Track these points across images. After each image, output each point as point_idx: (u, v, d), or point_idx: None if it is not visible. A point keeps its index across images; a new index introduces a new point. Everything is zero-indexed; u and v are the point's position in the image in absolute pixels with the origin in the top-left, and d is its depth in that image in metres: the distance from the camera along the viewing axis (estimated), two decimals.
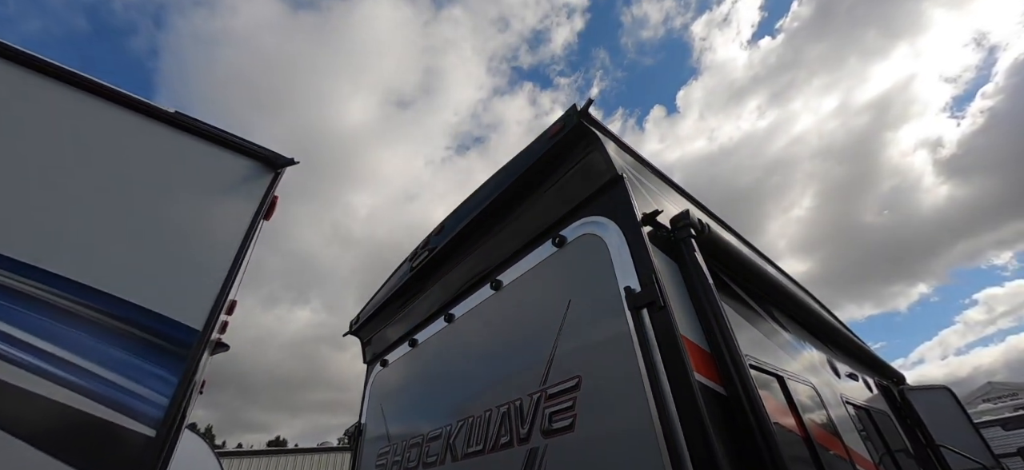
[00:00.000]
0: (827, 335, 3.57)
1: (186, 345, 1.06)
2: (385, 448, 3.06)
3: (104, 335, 1.00)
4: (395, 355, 3.40)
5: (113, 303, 1.04)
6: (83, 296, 1.01)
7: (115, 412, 0.91)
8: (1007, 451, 7.00)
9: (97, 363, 0.96)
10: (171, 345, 1.04)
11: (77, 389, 0.92)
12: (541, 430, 1.81)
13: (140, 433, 0.92)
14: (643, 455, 1.40)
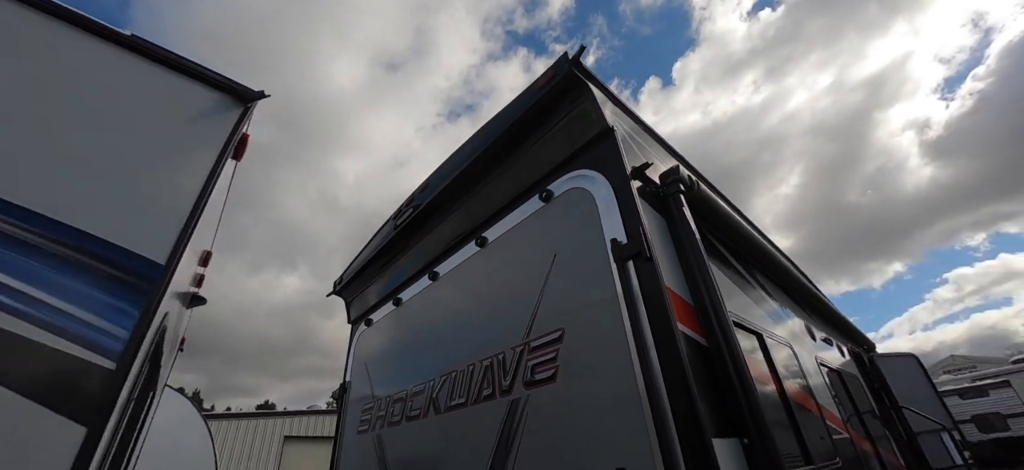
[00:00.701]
0: (806, 301, 3.65)
1: (148, 279, 1.01)
2: (370, 404, 3.08)
3: (60, 266, 0.94)
4: (379, 314, 3.38)
5: (69, 233, 0.97)
6: (37, 225, 0.94)
7: (72, 343, 0.86)
8: (963, 418, 7.43)
9: (52, 294, 0.90)
10: (131, 278, 0.99)
11: (31, 320, 0.86)
12: (523, 382, 1.81)
13: (99, 365, 0.87)
14: (624, 403, 1.41)
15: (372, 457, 2.78)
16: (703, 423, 1.25)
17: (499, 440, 1.82)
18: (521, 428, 1.74)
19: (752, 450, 1.32)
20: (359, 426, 3.10)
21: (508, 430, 1.80)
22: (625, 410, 1.40)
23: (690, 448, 1.24)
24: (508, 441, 1.78)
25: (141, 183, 1.06)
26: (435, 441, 2.27)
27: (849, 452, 2.53)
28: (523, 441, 1.72)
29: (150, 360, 1.37)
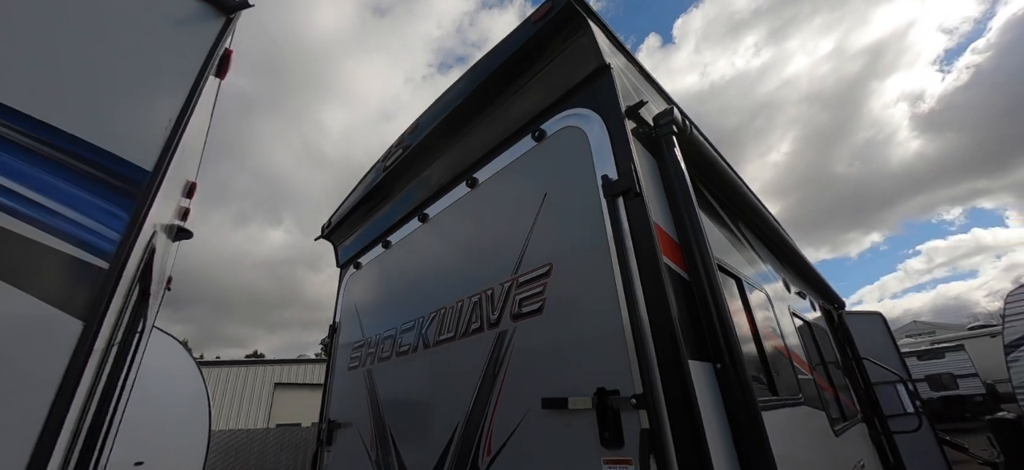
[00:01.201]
0: (784, 255, 3.78)
1: (136, 184, 1.00)
2: (359, 343, 3.15)
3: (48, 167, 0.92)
4: (368, 257, 3.39)
5: (55, 134, 0.95)
6: (28, 126, 0.92)
7: (64, 242, 0.87)
8: (918, 377, 8.04)
9: (42, 194, 0.89)
10: (120, 182, 0.98)
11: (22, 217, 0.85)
12: (511, 315, 1.87)
13: (92, 264, 0.88)
14: (607, 330, 1.47)
15: (362, 390, 2.88)
16: (681, 346, 1.33)
17: (486, 368, 1.90)
18: (507, 357, 1.82)
19: (724, 374, 1.42)
20: (350, 363, 3.19)
21: (495, 359, 1.87)
22: (608, 336, 1.47)
23: (667, 368, 1.32)
24: (495, 368, 1.86)
25: (124, 90, 1.03)
26: (424, 373, 2.36)
27: (811, 392, 2.71)
28: (509, 368, 1.80)
29: (140, 280, 1.38)
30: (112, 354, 1.22)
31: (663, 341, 1.35)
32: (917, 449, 5.10)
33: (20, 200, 0.85)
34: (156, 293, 2.44)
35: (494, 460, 1.74)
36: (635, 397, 1.32)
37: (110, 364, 1.26)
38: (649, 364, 1.34)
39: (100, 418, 1.58)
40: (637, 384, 1.34)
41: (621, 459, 1.32)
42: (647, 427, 1.28)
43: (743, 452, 1.32)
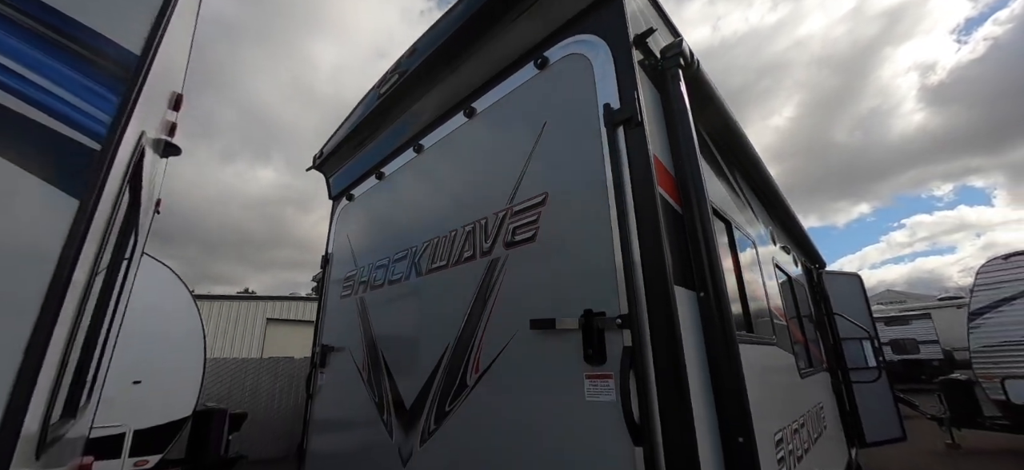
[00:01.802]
0: (775, 210, 3.85)
1: (124, 66, 0.96)
2: (352, 272, 3.20)
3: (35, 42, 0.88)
4: (361, 189, 3.37)
5: (44, 9, 0.90)
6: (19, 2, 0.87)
7: (56, 121, 0.85)
8: (883, 340, 8.54)
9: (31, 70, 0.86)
10: (109, 63, 0.94)
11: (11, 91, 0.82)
12: (504, 243, 1.90)
13: (85, 144, 0.86)
14: (598, 255, 1.51)
15: (355, 317, 2.96)
16: (668, 273, 1.37)
17: (478, 294, 1.96)
18: (498, 283, 1.87)
19: (706, 303, 1.48)
20: (342, 292, 3.25)
21: (487, 285, 1.93)
22: (598, 262, 1.51)
23: (653, 292, 1.37)
24: (486, 294, 1.92)
25: None
26: (416, 300, 2.42)
27: (784, 337, 2.86)
28: (500, 293, 1.85)
29: (131, 180, 1.35)
30: (109, 246, 1.22)
31: (651, 268, 1.40)
32: (873, 403, 5.49)
33: (8, 73, 0.82)
34: (146, 209, 2.41)
35: (482, 376, 1.83)
36: (620, 317, 1.38)
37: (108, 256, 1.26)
38: (636, 288, 1.39)
39: (100, 316, 1.61)
40: (623, 306, 1.39)
41: (602, 374, 1.40)
42: (629, 345, 1.35)
43: (717, 375, 1.41)
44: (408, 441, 2.17)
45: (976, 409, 8.17)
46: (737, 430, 1.35)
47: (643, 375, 1.31)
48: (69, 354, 1.00)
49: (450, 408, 1.96)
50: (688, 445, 1.22)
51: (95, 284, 1.19)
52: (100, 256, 1.10)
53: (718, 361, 1.41)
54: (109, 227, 1.10)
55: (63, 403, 1.47)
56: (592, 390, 1.42)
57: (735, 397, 1.37)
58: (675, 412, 1.26)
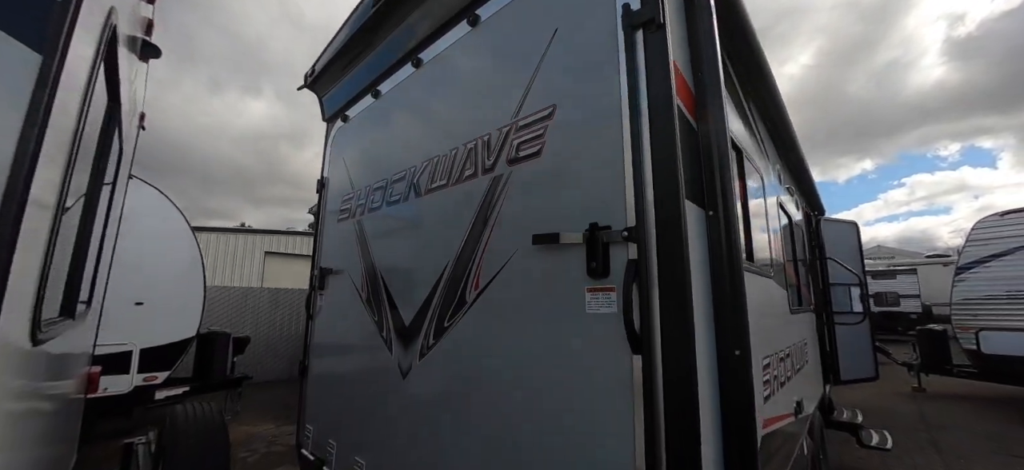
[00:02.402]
0: (785, 150, 3.75)
1: None
2: (348, 195, 3.13)
3: None
4: (357, 109, 3.22)
5: None
6: None
7: None
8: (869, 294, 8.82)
9: None
10: None
11: None
12: (507, 159, 1.83)
13: None
14: (607, 168, 1.45)
15: (353, 240, 2.93)
16: (680, 187, 1.32)
17: (478, 212, 1.92)
18: (501, 200, 1.82)
19: (714, 222, 1.44)
20: (339, 216, 3.20)
21: (488, 203, 1.88)
22: (607, 174, 1.45)
23: (663, 206, 1.33)
24: (487, 212, 1.87)
25: None
26: (415, 220, 2.38)
27: (780, 275, 2.88)
28: (502, 210, 1.81)
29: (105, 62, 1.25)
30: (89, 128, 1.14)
31: (663, 182, 1.34)
32: (851, 345, 5.74)
33: None
34: (129, 115, 2.29)
35: (482, 293, 1.83)
36: (627, 230, 1.35)
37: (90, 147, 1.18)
38: (645, 202, 1.34)
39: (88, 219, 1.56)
40: (630, 218, 1.35)
41: (604, 287, 1.39)
42: (634, 258, 1.33)
43: (719, 290, 1.40)
44: (407, 356, 2.22)
45: (946, 357, 8.62)
46: (734, 343, 1.36)
47: (646, 287, 1.29)
48: (53, 239, 0.96)
49: (449, 324, 1.98)
50: (687, 354, 1.23)
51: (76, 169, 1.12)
52: (78, 135, 1.02)
53: (721, 278, 1.40)
54: (85, 104, 1.02)
55: (60, 301, 1.46)
56: (593, 303, 1.41)
57: (735, 311, 1.37)
58: (676, 323, 1.26)
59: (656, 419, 1.22)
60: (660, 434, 1.22)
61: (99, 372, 2.63)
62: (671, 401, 1.22)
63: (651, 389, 1.24)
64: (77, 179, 1.43)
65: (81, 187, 1.45)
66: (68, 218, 1.27)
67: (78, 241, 1.52)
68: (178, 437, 1.71)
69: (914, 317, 17.92)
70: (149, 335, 5.25)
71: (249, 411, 7.36)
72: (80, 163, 1.40)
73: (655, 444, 1.21)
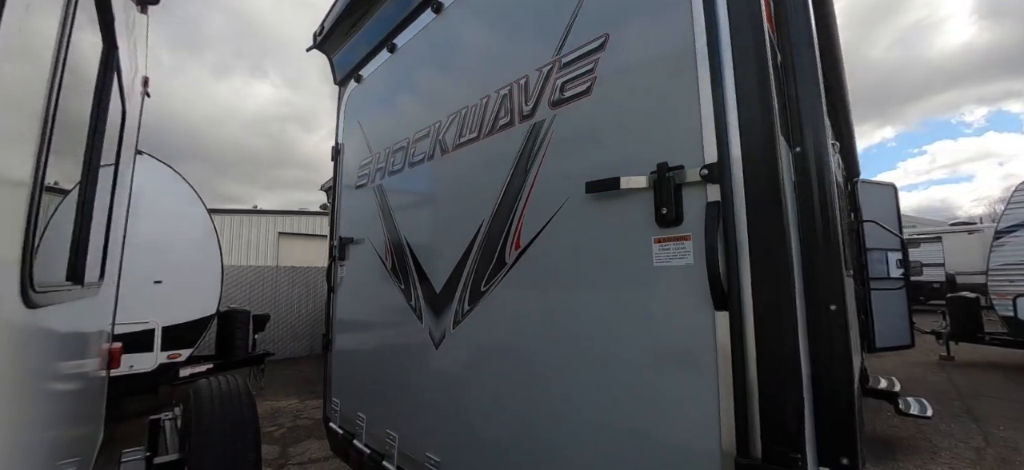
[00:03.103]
0: (837, 103, 3.45)
1: None
2: (366, 160, 2.96)
3: None
4: (371, 67, 3.00)
5: None
6: None
7: None
8: None
9: None
10: None
11: None
12: (550, 102, 1.62)
13: None
14: (677, 97, 1.24)
15: (372, 206, 2.77)
16: (774, 116, 1.11)
17: (517, 163, 1.73)
18: (543, 148, 1.62)
19: (802, 159, 1.23)
20: (357, 182, 3.04)
21: (528, 152, 1.68)
22: (678, 105, 1.24)
23: (751, 140, 1.12)
24: (527, 163, 1.68)
25: None
26: (442, 179, 2.20)
27: None
28: (545, 159, 1.61)
29: None
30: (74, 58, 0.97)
31: (750, 113, 1.13)
32: (886, 314, 5.52)
33: None
34: (131, 73, 2.12)
35: (524, 252, 1.66)
36: (706, 168, 1.15)
37: None
38: (728, 135, 1.14)
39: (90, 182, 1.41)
40: (710, 155, 1.15)
41: (677, 236, 1.21)
42: (716, 200, 1.13)
43: (809, 236, 1.20)
44: (440, 325, 2.08)
45: (977, 325, 8.31)
46: (829, 296, 1.17)
47: (732, 233, 1.10)
48: (37, 188, 0.80)
49: (486, 288, 1.82)
50: (784, 309, 1.05)
51: (66, 109, 0.96)
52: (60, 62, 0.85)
53: (812, 221, 1.20)
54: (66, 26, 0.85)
55: (65, 269, 1.32)
56: (662, 255, 1.23)
57: (829, 259, 1.17)
58: (771, 272, 1.07)
59: (748, 387, 1.05)
60: (753, 404, 1.05)
61: (120, 349, 2.56)
62: (766, 365, 1.05)
63: (741, 351, 1.06)
64: (68, 122, 1.27)
65: (74, 134, 1.30)
66: (60, 169, 1.12)
67: (81, 201, 1.37)
68: (203, 411, 1.60)
69: (937, 286, 17.44)
70: (170, 313, 5.24)
71: (273, 387, 7.44)
72: (70, 103, 1.24)
73: (747, 417, 1.05)
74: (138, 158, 5.31)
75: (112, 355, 2.46)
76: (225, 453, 1.53)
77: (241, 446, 1.55)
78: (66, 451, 1.59)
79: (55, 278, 1.21)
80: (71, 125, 1.17)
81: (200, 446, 1.53)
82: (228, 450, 1.54)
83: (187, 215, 5.74)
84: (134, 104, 2.49)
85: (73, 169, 1.30)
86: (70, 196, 1.27)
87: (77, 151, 1.31)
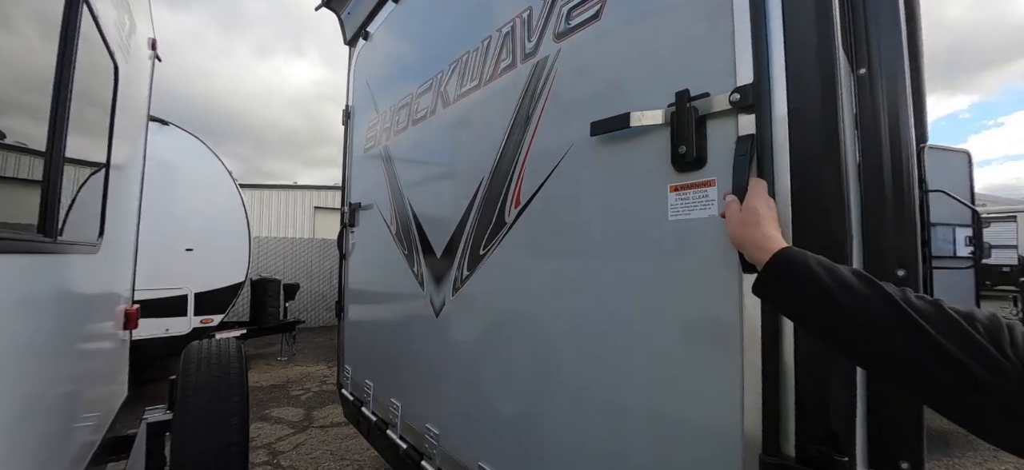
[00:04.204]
0: None
1: None
2: (373, 121, 2.82)
3: None
4: (378, 22, 2.83)
5: None
6: None
7: None
8: None
9: None
10: None
11: None
12: (554, 34, 1.39)
13: None
14: (704, 9, 0.99)
15: (380, 169, 2.64)
16: (833, 24, 0.85)
17: (518, 109, 1.52)
18: (547, 88, 1.41)
19: (870, 82, 0.96)
20: (366, 145, 2.92)
21: (530, 94, 1.47)
22: (704, 17, 0.99)
23: (802, 53, 0.87)
24: (529, 107, 1.47)
25: None
26: (443, 134, 2.02)
27: None
28: (549, 101, 1.40)
29: None
30: None
31: (799, 14, 0.87)
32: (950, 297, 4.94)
33: None
34: (119, 32, 2.04)
35: (523, 210, 1.47)
36: (737, 92, 0.91)
37: None
38: (769, 46, 0.89)
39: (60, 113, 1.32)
40: (743, 75, 0.91)
41: (699, 182, 0.98)
42: (750, 133, 0.89)
43: (873, 190, 0.94)
44: (440, 291, 1.94)
45: None
46: (896, 259, 0.92)
47: (769, 175, 0.87)
48: None
49: (485, 252, 1.65)
50: None
51: None
52: None
53: (878, 163, 0.93)
54: None
55: (39, 219, 1.26)
56: (679, 206, 1.01)
57: (899, 214, 0.91)
58: (819, 227, 0.83)
59: (781, 371, 0.84)
60: (786, 392, 0.83)
61: (138, 311, 2.59)
62: (806, 345, 0.82)
63: (774, 326, 0.85)
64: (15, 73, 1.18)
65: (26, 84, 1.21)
66: None
67: (49, 157, 1.29)
68: (189, 373, 1.56)
69: (1006, 270, 15.84)
70: (202, 280, 5.44)
71: (304, 353, 7.73)
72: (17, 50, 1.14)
73: (777, 407, 0.83)
74: (167, 129, 5.46)
75: (129, 316, 2.50)
76: (207, 415, 1.47)
77: (224, 410, 1.49)
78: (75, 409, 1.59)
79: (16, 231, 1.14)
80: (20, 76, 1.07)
81: (184, 406, 1.49)
82: (210, 412, 1.48)
83: (214, 183, 5.88)
84: (135, 64, 2.44)
85: (29, 123, 1.21)
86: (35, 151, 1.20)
87: (34, 106, 1.22)
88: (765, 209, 0.80)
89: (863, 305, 0.59)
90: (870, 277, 0.62)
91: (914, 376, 0.55)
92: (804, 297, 0.66)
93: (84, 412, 1.80)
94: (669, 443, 1.03)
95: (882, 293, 0.59)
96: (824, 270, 0.64)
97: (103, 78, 1.80)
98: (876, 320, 0.58)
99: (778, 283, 0.71)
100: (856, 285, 0.61)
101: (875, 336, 0.58)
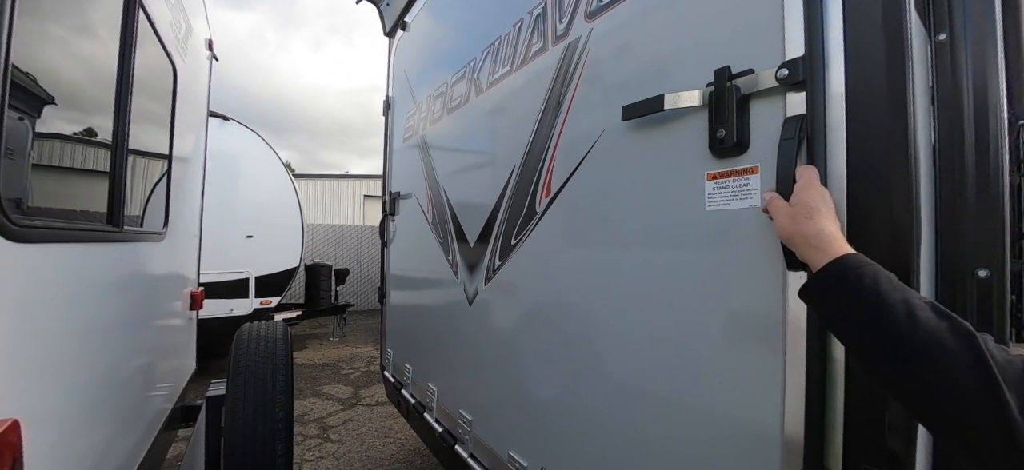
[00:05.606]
0: None
1: None
2: (411, 111, 2.87)
3: None
4: (415, 11, 2.86)
5: None
6: None
7: None
8: None
9: None
10: None
11: None
12: (586, 13, 1.33)
13: None
14: None
15: (417, 159, 2.69)
16: (905, 3, 0.73)
17: (549, 95, 1.47)
18: (578, 72, 1.35)
19: (950, 49, 0.82)
20: (405, 135, 2.98)
21: (562, 78, 1.42)
22: None
23: (860, 26, 0.76)
24: (561, 92, 1.42)
25: None
26: (476, 122, 2.02)
27: None
28: (580, 86, 1.34)
29: None
30: None
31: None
32: None
33: None
34: (176, 35, 2.18)
35: (554, 199, 1.43)
36: (785, 67, 0.81)
37: None
38: (824, 11, 0.78)
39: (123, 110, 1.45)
40: (793, 48, 0.81)
41: (739, 169, 0.89)
42: (800, 114, 0.80)
43: (950, 175, 0.82)
44: (473, 280, 1.96)
45: None
46: (976, 257, 0.79)
47: (821, 160, 0.78)
48: None
49: (516, 241, 1.63)
50: (899, 272, 0.71)
51: None
52: None
53: (958, 145, 0.81)
54: None
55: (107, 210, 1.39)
56: (717, 195, 0.93)
57: (983, 203, 0.78)
58: (880, 217, 0.74)
59: (829, 378, 0.76)
60: (834, 402, 0.75)
61: (202, 293, 2.83)
62: None
63: (822, 329, 0.76)
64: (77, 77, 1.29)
65: (91, 89, 1.32)
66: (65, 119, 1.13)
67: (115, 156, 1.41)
68: (240, 353, 1.69)
69: None
70: (260, 265, 5.87)
71: (354, 335, 8.17)
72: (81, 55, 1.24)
73: (823, 417, 0.76)
74: (228, 125, 5.88)
75: (195, 297, 2.73)
76: (255, 392, 1.59)
77: (271, 388, 1.61)
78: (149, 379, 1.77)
79: (86, 220, 1.27)
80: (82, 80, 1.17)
81: (235, 383, 1.61)
82: (258, 389, 1.60)
83: (270, 174, 6.29)
84: (193, 64, 2.62)
85: (90, 120, 1.33)
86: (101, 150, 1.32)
87: (100, 107, 1.34)
88: (819, 200, 0.71)
89: (938, 359, 0.49)
90: (952, 316, 0.52)
91: (965, 431, 0.47)
92: (862, 322, 0.57)
93: (157, 383, 2.00)
94: (702, 443, 0.97)
95: (967, 345, 0.48)
96: (896, 298, 0.54)
97: (162, 78, 1.94)
98: (950, 382, 0.48)
99: (834, 296, 0.62)
100: (933, 328, 0.51)
101: (940, 398, 0.49)
